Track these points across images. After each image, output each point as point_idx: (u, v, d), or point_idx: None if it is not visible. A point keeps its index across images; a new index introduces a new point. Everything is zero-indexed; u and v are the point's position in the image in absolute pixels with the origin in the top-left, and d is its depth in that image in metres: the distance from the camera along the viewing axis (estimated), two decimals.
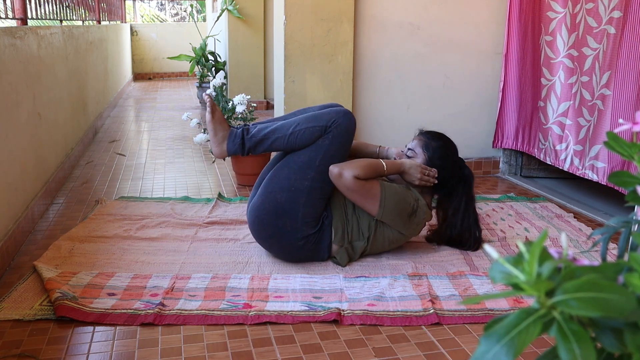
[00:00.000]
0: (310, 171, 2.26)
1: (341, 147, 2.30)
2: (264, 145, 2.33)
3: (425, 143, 2.39)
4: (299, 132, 2.28)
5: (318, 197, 2.28)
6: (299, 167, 2.27)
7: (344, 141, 2.31)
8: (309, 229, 2.27)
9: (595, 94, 2.93)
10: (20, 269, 2.27)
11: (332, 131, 2.27)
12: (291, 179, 2.27)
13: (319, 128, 2.28)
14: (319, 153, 2.27)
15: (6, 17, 3.14)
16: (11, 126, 2.54)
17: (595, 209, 3.12)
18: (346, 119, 2.30)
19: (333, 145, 2.27)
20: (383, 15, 3.47)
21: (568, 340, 0.48)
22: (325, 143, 2.27)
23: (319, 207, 2.29)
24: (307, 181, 2.25)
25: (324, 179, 2.26)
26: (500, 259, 0.54)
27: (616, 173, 0.66)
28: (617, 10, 2.76)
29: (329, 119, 2.28)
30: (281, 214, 2.27)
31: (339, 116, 2.29)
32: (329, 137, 2.27)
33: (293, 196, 2.26)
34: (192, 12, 13.11)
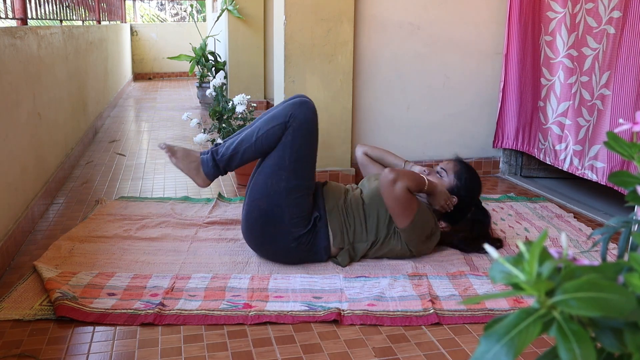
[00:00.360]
0: (283, 172, 2.26)
1: (305, 139, 2.29)
2: (236, 160, 2.32)
3: (459, 171, 2.43)
4: (262, 136, 2.27)
5: (299, 195, 2.27)
6: (272, 171, 2.27)
7: (307, 131, 2.29)
8: (300, 229, 2.27)
9: (595, 94, 2.93)
10: (20, 269, 2.27)
11: (291, 125, 2.26)
12: (267, 184, 2.27)
13: (278, 126, 2.26)
14: (286, 151, 2.26)
15: (6, 17, 3.14)
16: (11, 126, 2.54)
17: (595, 209, 3.12)
18: (302, 109, 2.29)
19: (296, 139, 2.26)
20: (383, 15, 3.47)
21: (568, 340, 0.48)
22: (288, 139, 2.26)
23: (304, 205, 2.28)
24: (282, 182, 2.25)
25: (299, 175, 2.26)
26: (500, 258, 0.54)
27: (616, 173, 0.66)
28: (616, 10, 2.76)
29: (286, 115, 2.27)
30: (268, 220, 2.27)
31: (295, 109, 2.28)
32: (290, 132, 2.26)
33: (274, 200, 2.26)
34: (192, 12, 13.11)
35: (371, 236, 2.31)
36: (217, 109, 3.59)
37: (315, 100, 3.35)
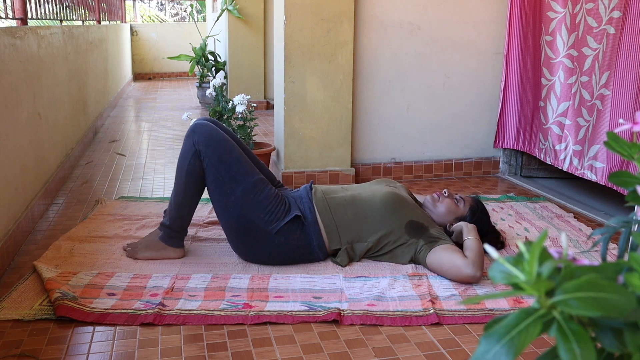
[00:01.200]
0: (225, 187, 2.28)
1: (219, 149, 2.29)
2: (183, 213, 2.38)
3: (475, 208, 2.45)
4: (187, 178, 2.32)
5: (252, 196, 2.28)
6: (218, 193, 2.29)
7: (216, 143, 2.30)
8: (276, 222, 2.27)
9: (595, 94, 2.93)
10: (20, 269, 2.27)
11: (200, 150, 2.28)
12: (223, 206, 2.29)
13: (192, 159, 2.29)
14: (213, 173, 2.28)
15: (6, 17, 3.14)
16: (11, 126, 2.54)
17: (595, 209, 3.12)
18: (197, 130, 2.31)
19: (213, 156, 2.28)
20: (383, 15, 3.47)
21: (568, 340, 0.48)
22: (209, 163, 2.28)
23: (263, 201, 2.28)
24: (231, 196, 2.27)
25: (238, 180, 2.27)
26: (500, 258, 0.54)
27: (616, 173, 0.66)
28: (616, 10, 2.76)
29: (190, 146, 2.30)
30: (245, 233, 2.29)
31: (193, 136, 2.30)
32: (204, 157, 2.28)
33: (237, 214, 2.27)
34: (192, 12, 13.11)
35: (371, 238, 2.31)
36: (217, 109, 3.59)
37: (315, 100, 3.37)
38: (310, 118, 3.38)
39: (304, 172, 3.43)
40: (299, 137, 3.39)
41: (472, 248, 2.22)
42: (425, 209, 2.46)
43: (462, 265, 2.14)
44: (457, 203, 2.46)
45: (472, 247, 2.22)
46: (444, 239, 2.27)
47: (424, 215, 2.38)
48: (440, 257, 2.20)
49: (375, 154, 3.63)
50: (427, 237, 2.27)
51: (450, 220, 2.43)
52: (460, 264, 2.15)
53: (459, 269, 2.15)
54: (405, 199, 2.38)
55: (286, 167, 3.42)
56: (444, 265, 2.18)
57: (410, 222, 2.30)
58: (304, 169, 3.44)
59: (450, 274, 2.18)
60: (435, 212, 2.44)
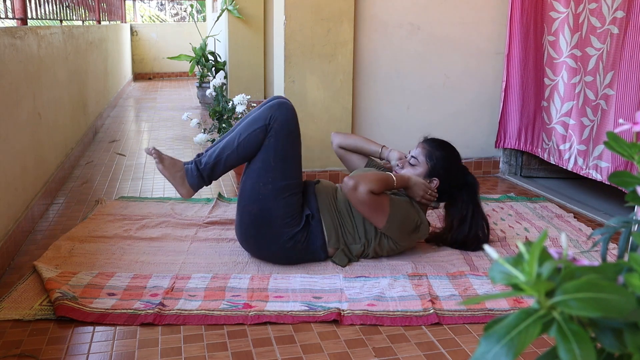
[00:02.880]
0: (269, 174, 2.25)
1: (288, 139, 2.28)
2: (219, 168, 2.32)
3: (429, 152, 2.39)
4: (244, 140, 2.27)
5: (287, 195, 2.27)
6: (258, 174, 2.27)
7: (289, 132, 2.29)
8: (292, 228, 2.27)
9: (599, 94, 2.93)
10: (20, 269, 2.27)
11: (273, 127, 2.25)
12: (255, 188, 2.27)
13: (259, 130, 2.26)
14: (270, 153, 2.26)
15: (6, 17, 3.14)
16: (11, 126, 2.54)
17: (595, 209, 3.12)
18: (282, 110, 2.28)
19: (279, 140, 2.26)
20: (383, 15, 3.46)
21: (568, 341, 0.48)
22: (271, 142, 2.26)
23: (293, 204, 2.28)
24: (269, 184, 2.25)
25: (285, 175, 2.26)
26: (500, 259, 0.54)
27: (617, 173, 0.66)
28: (620, 10, 2.76)
29: (266, 117, 2.26)
30: (260, 224, 2.27)
31: (274, 110, 2.27)
32: (272, 134, 2.26)
33: (263, 204, 2.25)
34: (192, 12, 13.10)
35: (362, 238, 2.31)
36: (217, 109, 3.59)
37: (315, 100, 3.37)
38: (310, 118, 3.38)
39: (304, 172, 3.42)
40: None
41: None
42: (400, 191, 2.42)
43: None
44: (414, 165, 2.39)
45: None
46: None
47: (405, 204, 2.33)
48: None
49: None
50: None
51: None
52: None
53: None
54: None
55: None
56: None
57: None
58: (304, 169, 3.41)
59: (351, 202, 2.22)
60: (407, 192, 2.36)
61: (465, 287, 2.15)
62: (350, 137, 2.70)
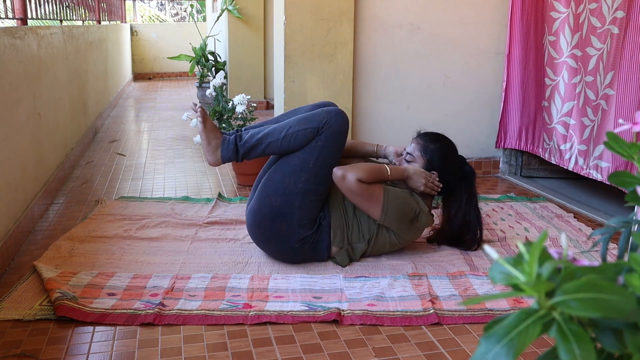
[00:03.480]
0: (304, 173, 2.25)
1: (334, 148, 2.29)
2: (258, 150, 2.31)
3: (423, 146, 2.38)
4: (292, 134, 2.27)
5: (313, 199, 2.27)
6: (293, 170, 2.26)
7: (337, 142, 2.29)
8: (306, 230, 2.27)
9: (600, 94, 2.93)
10: (20, 269, 2.27)
11: (324, 132, 2.25)
12: (285, 182, 2.26)
13: (311, 130, 2.26)
14: (312, 155, 2.25)
15: (6, 17, 3.14)
16: (11, 126, 2.54)
17: (595, 209, 3.12)
18: (338, 119, 2.28)
19: (326, 146, 2.26)
20: (383, 15, 3.47)
21: (568, 341, 0.48)
22: (318, 145, 2.26)
23: (314, 209, 2.28)
24: (301, 183, 2.25)
25: (318, 180, 2.26)
26: (500, 259, 0.54)
27: (616, 173, 0.66)
28: (620, 10, 2.76)
29: (321, 120, 2.26)
30: (277, 218, 2.27)
31: (331, 117, 2.27)
32: (322, 138, 2.25)
33: (288, 199, 2.25)
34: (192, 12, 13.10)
35: (366, 236, 2.31)
36: (217, 109, 3.59)
37: (315, 100, 3.36)
38: None
39: None
40: None
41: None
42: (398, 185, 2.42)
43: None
44: (410, 162, 2.38)
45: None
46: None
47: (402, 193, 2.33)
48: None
49: None
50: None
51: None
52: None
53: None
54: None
55: None
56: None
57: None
58: None
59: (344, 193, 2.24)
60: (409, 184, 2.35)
61: (465, 287, 2.15)
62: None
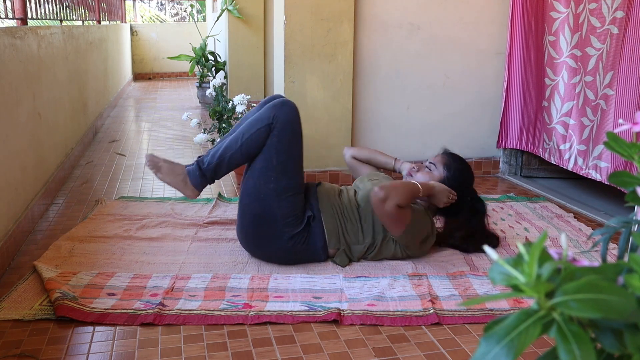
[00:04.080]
0: (271, 173, 2.26)
1: (291, 138, 2.29)
2: (223, 167, 2.32)
3: (448, 163, 2.42)
4: (247, 140, 2.27)
5: (289, 195, 2.27)
6: (260, 174, 2.27)
7: (292, 131, 2.29)
8: (293, 228, 2.27)
9: (599, 94, 2.93)
10: (20, 269, 2.27)
11: (275, 127, 2.26)
12: (257, 187, 2.27)
13: (263, 129, 2.26)
14: (272, 152, 2.26)
15: (6, 17, 3.14)
16: (11, 126, 2.54)
17: (595, 209, 3.12)
18: (284, 109, 2.28)
19: (282, 139, 2.26)
20: (383, 15, 3.46)
21: (568, 342, 0.48)
22: (274, 141, 2.26)
23: (294, 204, 2.28)
24: (271, 183, 2.26)
25: (287, 175, 2.27)
26: (499, 260, 0.54)
27: (616, 173, 0.66)
28: (619, 10, 2.76)
29: (269, 117, 2.27)
30: (261, 223, 2.28)
31: (277, 110, 2.27)
32: (275, 133, 2.26)
33: (265, 203, 2.26)
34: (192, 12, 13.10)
35: (368, 239, 2.31)
36: (217, 109, 3.59)
37: (315, 100, 3.37)
38: (310, 118, 3.38)
39: (304, 172, 3.42)
40: None
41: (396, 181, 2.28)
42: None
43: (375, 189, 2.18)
44: (431, 171, 2.43)
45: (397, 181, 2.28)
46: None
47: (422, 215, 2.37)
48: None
49: None
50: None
51: None
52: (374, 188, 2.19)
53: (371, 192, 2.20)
54: None
55: None
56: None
57: None
58: (304, 169, 3.42)
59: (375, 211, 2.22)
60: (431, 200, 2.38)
61: (465, 287, 2.15)
62: (363, 150, 2.74)
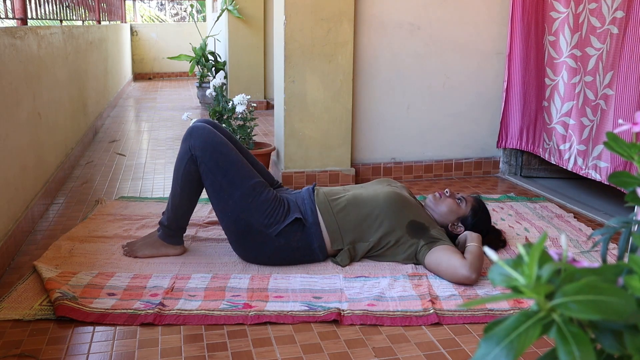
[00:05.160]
0: (223, 193, 2.28)
1: (216, 154, 2.28)
2: (180, 214, 2.39)
3: (475, 209, 2.44)
4: (182, 181, 2.32)
5: (251, 200, 2.27)
6: (216, 198, 2.29)
7: (212, 149, 2.29)
8: (276, 225, 2.27)
9: (599, 94, 2.93)
10: (20, 269, 2.27)
11: (197, 155, 2.28)
12: (222, 210, 2.29)
13: (188, 163, 2.29)
14: (210, 176, 2.28)
15: (6, 17, 3.14)
16: (11, 126, 2.54)
17: (595, 209, 3.12)
18: (194, 135, 2.30)
19: (209, 162, 2.27)
20: (383, 15, 3.46)
21: (567, 343, 0.48)
22: (206, 168, 2.28)
23: (264, 204, 2.28)
24: (230, 200, 2.27)
25: (236, 186, 2.27)
26: (499, 261, 0.54)
27: (616, 173, 0.66)
28: (620, 11, 2.76)
29: (186, 150, 2.30)
30: (244, 235, 2.30)
31: (189, 140, 2.30)
32: (200, 161, 2.28)
33: (236, 218, 2.28)
34: (192, 12, 13.10)
35: (373, 237, 2.30)
36: (217, 109, 3.59)
37: (315, 101, 3.37)
38: (310, 118, 3.38)
39: (304, 172, 3.43)
40: (299, 137, 3.39)
41: (472, 252, 2.22)
42: (427, 208, 2.45)
43: (459, 266, 2.15)
44: (459, 203, 2.45)
45: (473, 251, 2.23)
46: (444, 240, 2.27)
47: (425, 215, 2.37)
48: (439, 256, 2.20)
49: (375, 154, 3.63)
50: (428, 237, 2.27)
51: (452, 220, 2.42)
52: (458, 265, 2.15)
53: (455, 269, 2.15)
54: (408, 199, 2.38)
55: (286, 167, 3.42)
56: (441, 265, 2.19)
57: (411, 222, 2.30)
58: (304, 169, 3.44)
59: (446, 274, 2.18)
60: (436, 211, 2.43)
61: (465, 287, 2.15)
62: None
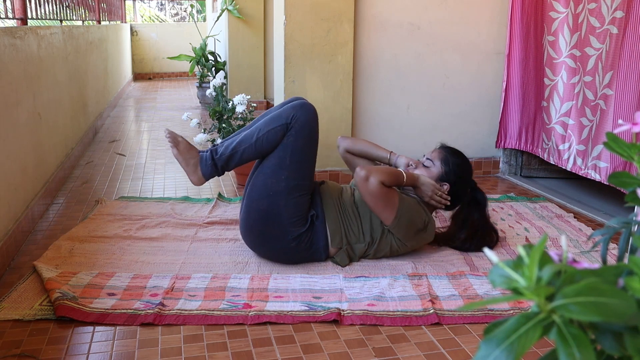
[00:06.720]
0: (283, 172, 2.26)
1: (307, 140, 2.30)
2: (235, 159, 2.33)
3: (445, 157, 2.41)
4: (263, 136, 2.28)
5: (298, 195, 2.28)
6: (272, 171, 2.28)
7: (308, 133, 2.31)
8: (298, 228, 2.28)
9: (598, 94, 2.93)
10: (20, 269, 2.27)
11: (293, 127, 2.27)
12: (267, 185, 2.28)
13: (280, 127, 2.27)
14: (287, 152, 2.27)
15: (6, 17, 3.14)
16: (11, 126, 2.54)
17: (595, 209, 3.12)
18: (304, 111, 2.30)
19: (298, 140, 2.28)
20: (383, 15, 3.46)
21: (568, 344, 0.48)
22: (290, 140, 2.27)
23: (302, 205, 2.29)
24: (282, 182, 2.26)
25: (299, 175, 2.27)
26: (500, 262, 0.54)
27: (616, 174, 0.66)
28: (619, 10, 2.76)
29: (288, 116, 2.28)
30: (267, 221, 2.28)
31: (297, 110, 2.29)
32: (292, 133, 2.27)
33: (273, 200, 2.26)
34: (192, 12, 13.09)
35: (367, 237, 2.31)
36: (217, 109, 3.59)
37: (315, 101, 3.36)
38: None
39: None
40: None
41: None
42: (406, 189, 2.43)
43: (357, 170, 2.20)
44: (429, 167, 2.41)
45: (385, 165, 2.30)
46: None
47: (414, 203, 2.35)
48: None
49: None
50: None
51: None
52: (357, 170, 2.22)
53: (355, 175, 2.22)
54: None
55: None
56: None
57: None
58: None
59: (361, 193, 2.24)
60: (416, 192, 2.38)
61: (465, 287, 2.15)
62: (358, 142, 2.68)
